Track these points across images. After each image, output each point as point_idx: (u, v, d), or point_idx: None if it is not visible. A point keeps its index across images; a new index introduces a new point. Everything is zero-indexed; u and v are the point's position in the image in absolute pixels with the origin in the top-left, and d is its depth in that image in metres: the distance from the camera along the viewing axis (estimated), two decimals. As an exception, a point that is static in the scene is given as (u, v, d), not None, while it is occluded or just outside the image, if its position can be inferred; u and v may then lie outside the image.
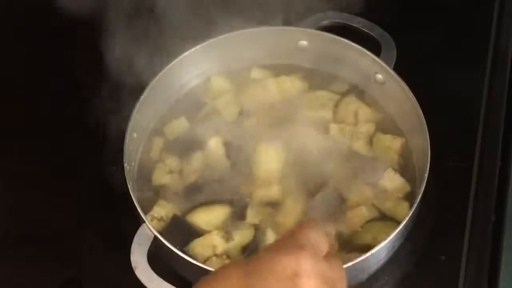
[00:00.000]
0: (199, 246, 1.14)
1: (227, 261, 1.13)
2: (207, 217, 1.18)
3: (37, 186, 1.28)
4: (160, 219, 1.17)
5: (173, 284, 1.05)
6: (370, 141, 1.25)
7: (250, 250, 1.15)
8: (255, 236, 1.16)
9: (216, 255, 1.14)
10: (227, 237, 1.15)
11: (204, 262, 1.11)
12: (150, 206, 1.20)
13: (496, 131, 1.31)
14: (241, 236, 1.15)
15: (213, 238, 1.14)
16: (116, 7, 1.37)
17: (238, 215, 1.18)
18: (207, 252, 1.14)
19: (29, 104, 1.40)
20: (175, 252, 1.07)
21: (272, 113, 1.30)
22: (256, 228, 1.17)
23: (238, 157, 1.24)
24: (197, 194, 1.21)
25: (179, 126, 1.29)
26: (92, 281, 1.18)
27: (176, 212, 1.18)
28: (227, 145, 1.25)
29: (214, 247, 1.14)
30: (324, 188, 1.20)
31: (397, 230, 1.08)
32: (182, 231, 1.16)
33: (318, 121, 1.28)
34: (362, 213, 1.17)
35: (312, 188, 1.20)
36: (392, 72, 1.26)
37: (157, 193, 1.22)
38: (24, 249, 1.22)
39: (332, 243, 0.93)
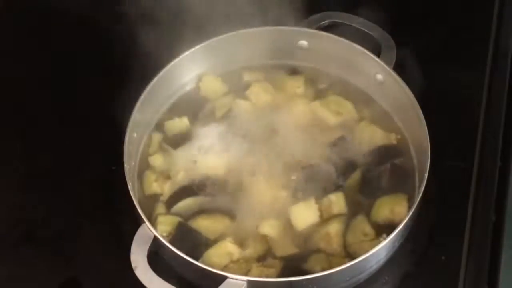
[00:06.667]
0: (214, 256, 1.13)
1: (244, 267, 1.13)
2: (207, 223, 1.18)
3: (37, 186, 1.28)
4: (169, 234, 1.17)
5: (173, 284, 1.05)
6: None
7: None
8: (268, 246, 1.16)
9: (233, 262, 1.14)
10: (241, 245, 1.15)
11: (222, 270, 1.10)
12: (150, 206, 1.20)
13: (496, 131, 1.31)
14: (254, 247, 1.16)
15: (227, 246, 1.14)
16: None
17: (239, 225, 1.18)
18: (224, 261, 1.13)
19: (29, 104, 1.40)
20: (176, 252, 1.07)
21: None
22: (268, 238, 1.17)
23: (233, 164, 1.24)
24: (190, 198, 1.21)
25: (180, 124, 1.29)
26: (92, 281, 1.17)
27: (179, 219, 1.18)
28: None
29: (230, 254, 1.14)
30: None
31: (397, 230, 1.08)
32: (190, 236, 1.16)
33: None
34: None
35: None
36: (392, 72, 1.26)
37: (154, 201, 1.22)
38: (24, 249, 1.22)
39: None
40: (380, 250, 1.08)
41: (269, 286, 1.08)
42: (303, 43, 1.34)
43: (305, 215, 1.17)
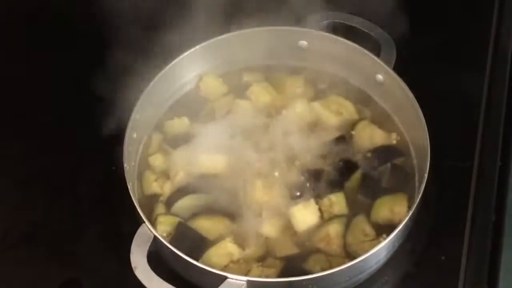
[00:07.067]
0: (215, 256, 1.13)
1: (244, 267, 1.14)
2: (207, 223, 1.18)
3: (37, 186, 1.28)
4: (169, 234, 1.17)
5: (173, 284, 1.05)
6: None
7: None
8: (268, 246, 1.16)
9: (233, 262, 1.14)
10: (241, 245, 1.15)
11: (222, 270, 1.10)
12: (150, 206, 1.20)
13: (496, 131, 1.31)
14: (254, 247, 1.16)
15: (227, 246, 1.14)
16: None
17: (240, 225, 1.18)
18: (224, 261, 1.13)
19: (29, 104, 1.40)
20: (176, 253, 1.07)
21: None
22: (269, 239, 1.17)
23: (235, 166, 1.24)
24: (189, 196, 1.21)
25: (180, 124, 1.29)
26: (92, 281, 1.18)
27: (179, 219, 1.18)
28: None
29: (230, 254, 1.14)
30: None
31: (397, 230, 1.08)
32: (190, 236, 1.16)
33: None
34: None
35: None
36: (392, 72, 1.26)
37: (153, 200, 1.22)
38: (24, 249, 1.22)
39: None
40: (380, 250, 1.08)
41: (269, 286, 1.08)
42: (303, 43, 1.34)
43: (305, 216, 1.17)
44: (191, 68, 1.33)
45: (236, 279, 1.05)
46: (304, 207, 1.17)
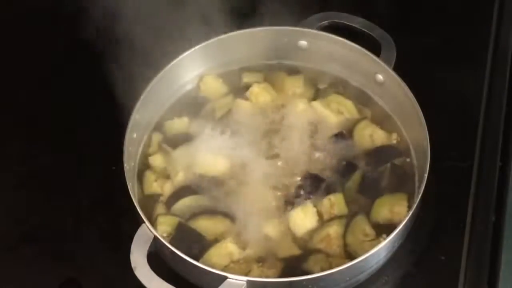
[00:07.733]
0: (215, 256, 1.13)
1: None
2: (207, 224, 1.18)
3: (37, 186, 1.28)
4: (169, 234, 1.17)
5: (173, 284, 1.05)
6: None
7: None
8: (268, 247, 1.16)
9: (233, 262, 1.13)
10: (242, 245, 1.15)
11: (222, 270, 1.09)
12: (150, 206, 1.20)
13: (496, 131, 1.31)
14: (255, 248, 1.16)
15: (228, 246, 1.14)
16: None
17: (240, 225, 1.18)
18: (224, 261, 1.13)
19: (29, 104, 1.40)
20: (176, 253, 1.07)
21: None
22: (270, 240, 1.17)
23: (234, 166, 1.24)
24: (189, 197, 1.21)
25: (180, 124, 1.29)
26: (92, 281, 1.17)
27: (179, 220, 1.18)
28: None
29: (230, 255, 1.14)
30: None
31: (397, 230, 1.08)
32: (190, 237, 1.16)
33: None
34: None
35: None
36: (392, 72, 1.26)
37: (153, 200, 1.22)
38: (24, 249, 1.22)
39: None
40: (380, 250, 1.08)
41: (269, 286, 1.08)
42: (303, 43, 1.34)
43: (303, 220, 1.16)
44: (191, 68, 1.33)
45: (236, 279, 1.05)
46: (302, 211, 1.17)
